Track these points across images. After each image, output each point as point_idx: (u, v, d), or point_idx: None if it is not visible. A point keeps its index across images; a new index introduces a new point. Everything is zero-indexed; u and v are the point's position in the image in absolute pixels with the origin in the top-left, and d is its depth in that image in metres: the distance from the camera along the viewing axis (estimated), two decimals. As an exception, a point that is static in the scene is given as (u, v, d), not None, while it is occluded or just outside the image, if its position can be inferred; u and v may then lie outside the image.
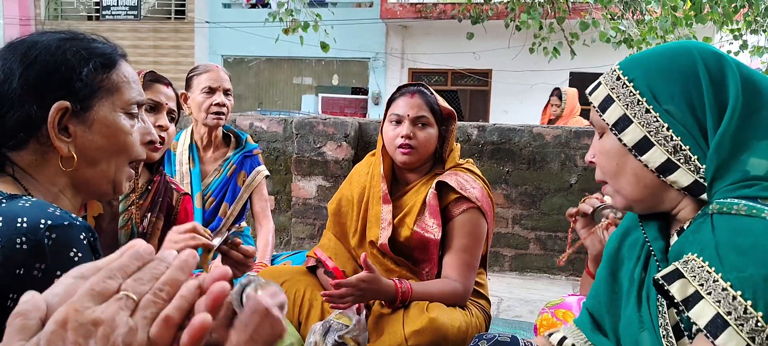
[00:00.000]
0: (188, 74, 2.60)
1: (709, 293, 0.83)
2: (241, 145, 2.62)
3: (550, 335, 1.30)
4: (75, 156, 0.95)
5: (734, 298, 0.80)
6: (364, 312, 1.88)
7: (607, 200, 1.54)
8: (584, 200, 1.62)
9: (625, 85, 1.02)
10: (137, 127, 1.04)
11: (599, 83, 1.08)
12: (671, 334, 0.94)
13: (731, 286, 0.81)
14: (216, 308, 0.56)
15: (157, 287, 0.53)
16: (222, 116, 2.50)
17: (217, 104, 2.47)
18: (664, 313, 0.96)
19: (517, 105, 13.32)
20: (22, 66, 0.92)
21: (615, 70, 1.06)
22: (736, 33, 7.11)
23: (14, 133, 0.92)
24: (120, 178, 1.04)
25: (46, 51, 0.94)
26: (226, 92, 2.52)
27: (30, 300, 0.52)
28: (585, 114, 4.73)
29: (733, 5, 6.21)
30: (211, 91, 2.49)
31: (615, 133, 1.01)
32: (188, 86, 2.56)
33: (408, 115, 1.99)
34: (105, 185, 1.02)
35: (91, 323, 0.49)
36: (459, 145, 2.15)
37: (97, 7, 14.78)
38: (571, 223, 1.64)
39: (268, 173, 2.70)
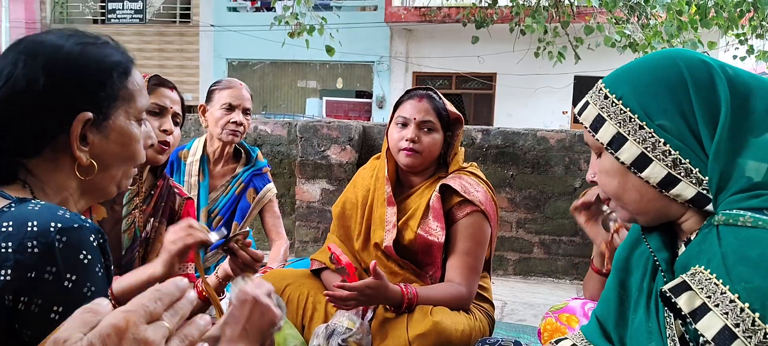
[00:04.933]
0: (210, 87, 2.59)
1: (717, 306, 0.82)
2: (251, 163, 2.59)
3: (557, 342, 1.29)
4: (95, 165, 0.96)
5: (742, 310, 0.80)
6: (369, 315, 1.88)
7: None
8: (585, 192, 1.62)
9: (614, 103, 1.00)
10: (143, 132, 1.06)
11: (587, 103, 1.06)
12: (678, 345, 0.93)
13: (739, 298, 0.80)
14: None
15: (180, 336, 0.63)
16: (238, 134, 2.48)
17: (235, 122, 2.45)
18: (672, 324, 0.95)
19: (521, 109, 13.31)
20: (46, 74, 0.91)
21: (601, 89, 1.03)
22: (742, 37, 7.09)
23: (32, 140, 0.92)
24: (125, 181, 1.06)
25: (69, 59, 0.94)
26: (245, 111, 2.50)
27: (103, 302, 0.63)
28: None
29: (738, 10, 6.19)
30: (231, 108, 2.46)
31: (611, 153, 1.00)
32: (208, 99, 2.54)
33: (414, 119, 1.99)
34: (111, 188, 1.04)
35: (143, 341, 0.58)
36: (463, 149, 2.15)
37: (103, 11, 14.84)
38: (578, 222, 1.63)
39: (276, 191, 2.69)
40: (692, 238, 0.98)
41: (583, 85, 12.70)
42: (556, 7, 7.34)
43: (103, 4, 14.77)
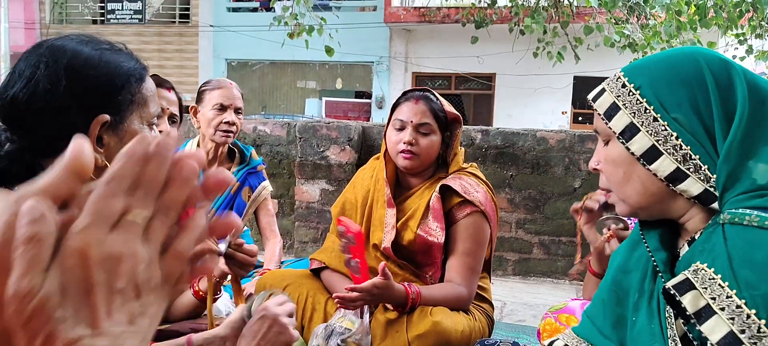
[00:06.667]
0: (200, 88, 2.56)
1: (722, 309, 0.82)
2: (246, 162, 2.57)
3: (550, 343, 1.29)
4: (108, 166, 0.97)
5: (748, 316, 0.80)
6: (368, 316, 1.88)
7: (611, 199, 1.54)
8: (588, 197, 1.62)
9: (631, 93, 1.00)
10: (152, 137, 1.09)
11: (603, 90, 1.05)
12: (679, 345, 0.93)
13: (746, 304, 0.81)
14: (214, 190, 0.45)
15: (163, 212, 0.42)
16: (230, 135, 2.45)
17: (227, 123, 2.43)
18: (673, 324, 0.94)
19: (521, 109, 13.30)
20: (67, 77, 0.94)
21: (619, 77, 1.03)
22: (741, 37, 7.10)
23: (52, 139, 0.94)
24: None
25: (90, 64, 0.97)
26: (237, 111, 2.47)
27: (42, 217, 0.38)
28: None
29: (737, 10, 6.20)
30: (223, 108, 2.43)
31: (622, 142, 0.99)
32: (199, 100, 2.51)
33: (411, 122, 1.98)
34: None
35: (115, 257, 0.39)
36: (463, 149, 2.15)
37: (102, 11, 14.83)
38: (577, 222, 1.63)
39: (272, 189, 2.68)
40: (696, 237, 0.98)
41: (582, 86, 12.70)
42: (555, 7, 7.34)
43: (103, 5, 14.76)
